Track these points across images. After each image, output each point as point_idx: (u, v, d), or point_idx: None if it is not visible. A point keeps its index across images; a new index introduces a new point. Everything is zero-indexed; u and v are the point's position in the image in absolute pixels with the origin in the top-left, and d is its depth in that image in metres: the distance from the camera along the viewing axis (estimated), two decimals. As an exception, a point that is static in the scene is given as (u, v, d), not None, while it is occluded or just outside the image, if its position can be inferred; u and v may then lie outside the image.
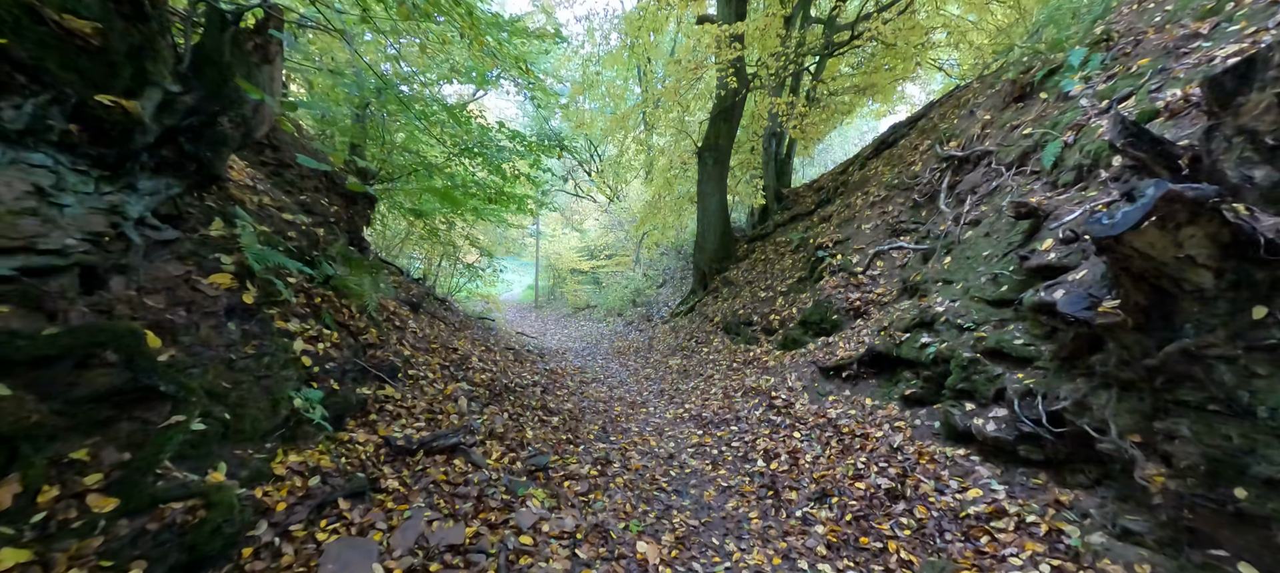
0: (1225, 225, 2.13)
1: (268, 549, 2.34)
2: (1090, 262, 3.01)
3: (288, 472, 2.77)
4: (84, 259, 2.31)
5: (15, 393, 1.88)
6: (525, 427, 4.78)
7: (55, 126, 2.11)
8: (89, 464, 2.00)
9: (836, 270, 6.39)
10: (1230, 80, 2.31)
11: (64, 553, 1.75)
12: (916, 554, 3.04)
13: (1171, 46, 3.54)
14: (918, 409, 4.20)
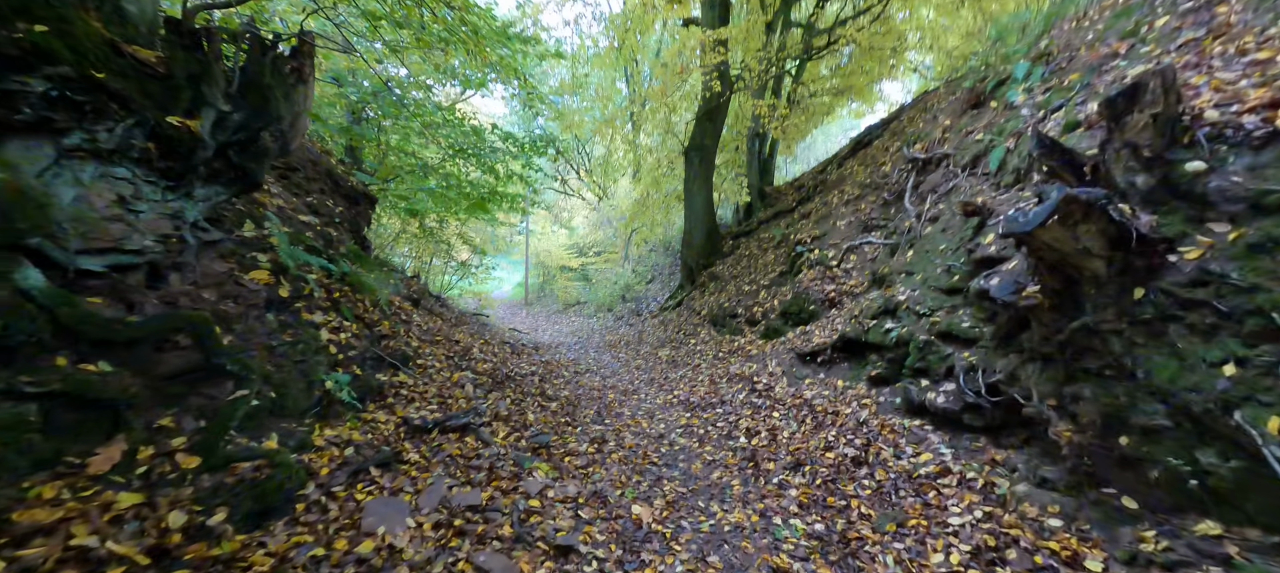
0: (1112, 222, 2.62)
1: (316, 505, 2.73)
2: (1021, 254, 3.52)
3: (325, 443, 3.16)
4: (153, 258, 2.68)
5: (115, 369, 2.26)
6: (526, 411, 5.20)
7: (136, 145, 2.48)
8: (174, 430, 2.40)
9: (814, 264, 6.89)
10: (1121, 101, 2.82)
11: (165, 499, 2.14)
12: (875, 509, 3.53)
13: (1096, 64, 4.07)
14: (882, 388, 4.70)
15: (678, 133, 11.61)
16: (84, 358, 2.20)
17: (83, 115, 2.29)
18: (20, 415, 1.91)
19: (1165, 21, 3.76)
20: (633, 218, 13.97)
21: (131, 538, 1.93)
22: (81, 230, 2.32)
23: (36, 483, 1.89)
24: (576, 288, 20.12)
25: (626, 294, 15.94)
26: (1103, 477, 2.79)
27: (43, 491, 1.87)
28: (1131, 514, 2.56)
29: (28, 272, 2.09)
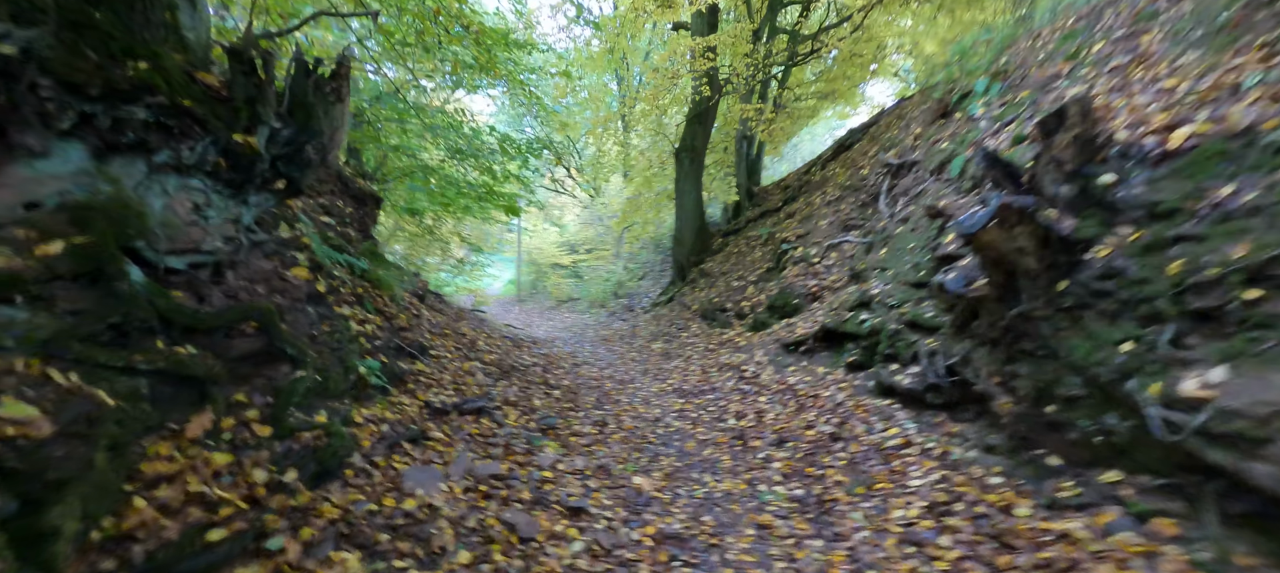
0: (1040, 226, 3.14)
1: (363, 472, 3.16)
2: (971, 253, 4.04)
3: (364, 421, 3.58)
4: (219, 258, 3.08)
5: (200, 351, 2.67)
6: (532, 397, 5.64)
7: (209, 160, 2.88)
8: (247, 404, 2.81)
9: (798, 261, 7.41)
10: (1051, 121, 3.33)
11: (248, 459, 2.56)
12: (848, 476, 4.03)
13: (1043, 83, 4.60)
14: (857, 373, 5.22)
15: (668, 134, 12.07)
16: (175, 342, 2.61)
17: (169, 136, 2.69)
18: (135, 388, 2.32)
19: (1100, 47, 4.30)
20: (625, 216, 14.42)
21: (229, 489, 2.35)
22: (168, 234, 2.72)
23: (151, 443, 2.30)
24: (569, 285, 20.51)
25: (619, 291, 16.39)
26: (1034, 440, 3.31)
27: (159, 448, 2.28)
28: (1055, 470, 3.09)
29: (131, 269, 2.49)
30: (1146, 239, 2.82)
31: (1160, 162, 2.93)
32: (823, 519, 3.59)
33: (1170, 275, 2.64)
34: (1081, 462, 2.99)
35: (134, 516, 1.99)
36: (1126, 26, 4.24)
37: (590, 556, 3.02)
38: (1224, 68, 3.06)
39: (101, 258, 2.31)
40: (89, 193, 2.40)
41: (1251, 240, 2.40)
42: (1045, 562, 2.57)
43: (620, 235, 17.32)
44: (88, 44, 2.33)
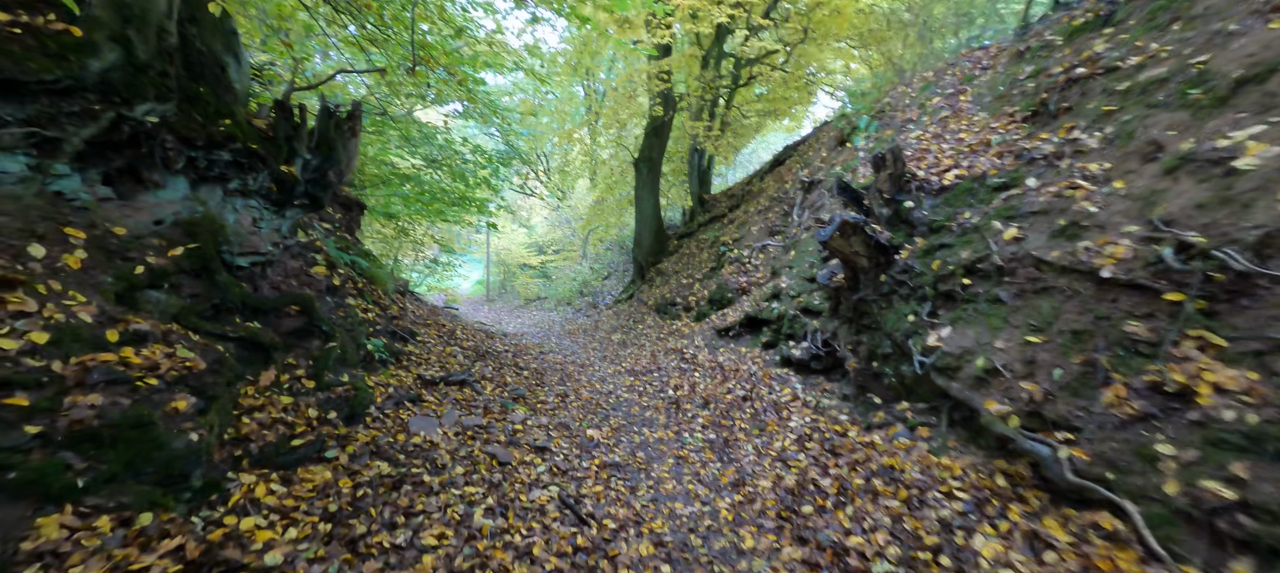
0: (868, 237, 4.50)
1: (378, 418, 4.24)
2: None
3: (374, 385, 4.65)
4: (267, 258, 4.12)
5: (263, 326, 3.73)
6: (505, 375, 6.75)
7: (264, 186, 3.93)
8: (296, 365, 3.87)
9: (733, 261, 8.75)
10: (879, 160, 4.71)
11: (303, 403, 3.63)
12: (749, 424, 5.33)
13: (903, 124, 6.04)
14: (768, 350, 6.55)
15: (628, 146, 13.30)
16: (247, 319, 3.65)
17: (240, 169, 3.73)
18: (227, 351, 3.37)
19: (937, 101, 5.76)
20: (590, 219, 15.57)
21: (296, 417, 3.43)
22: (237, 241, 3.76)
23: (242, 387, 3.36)
24: (537, 284, 21.49)
25: (584, 289, 17.52)
26: (866, 387, 4.67)
27: (247, 390, 3.35)
28: (876, 405, 4.45)
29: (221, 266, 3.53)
30: (925, 247, 4.21)
31: (938, 193, 4.33)
32: (725, 452, 4.87)
33: (933, 270, 4.02)
34: (890, 398, 4.35)
35: (245, 427, 3.06)
36: (955, 86, 5.71)
37: (550, 473, 4.20)
38: (987, 129, 4.50)
39: (206, 258, 3.36)
40: (192, 213, 3.44)
41: (971, 249, 3.79)
42: (855, 461, 3.91)
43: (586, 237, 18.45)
44: (196, 110, 3.38)
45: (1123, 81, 3.66)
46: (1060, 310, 3.09)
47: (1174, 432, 2.35)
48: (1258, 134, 2.66)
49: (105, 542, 1.97)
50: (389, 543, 2.77)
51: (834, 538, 3.20)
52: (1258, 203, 2.47)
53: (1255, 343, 2.27)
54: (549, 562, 3.01)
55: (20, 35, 2.60)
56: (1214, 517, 2.08)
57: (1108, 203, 3.15)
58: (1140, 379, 2.56)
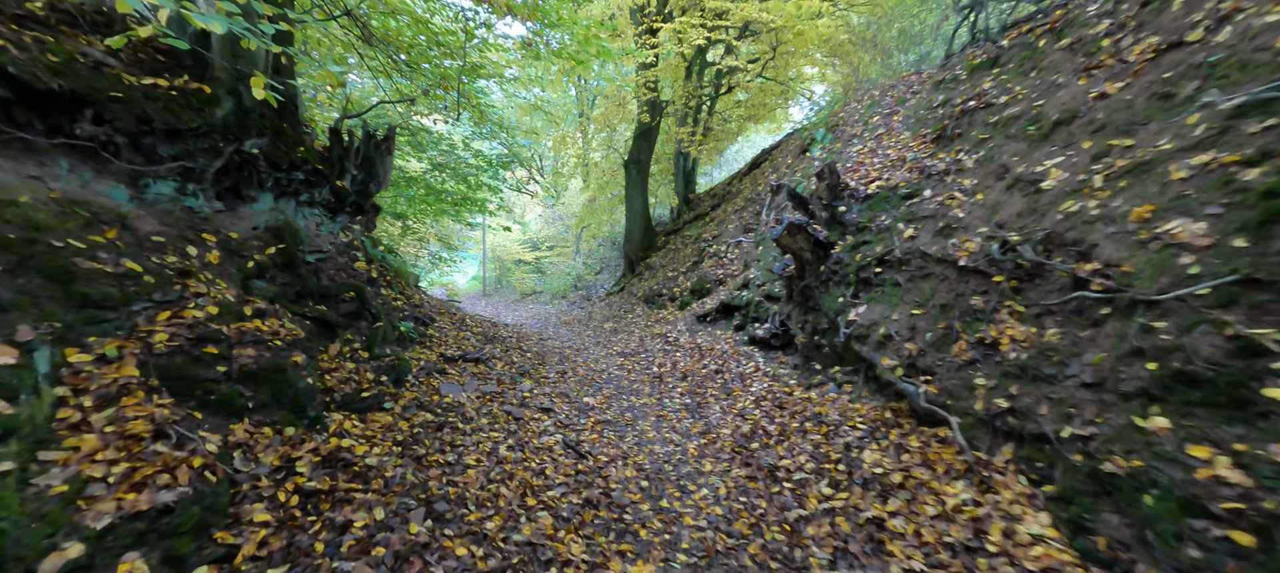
0: (810, 235, 5.61)
1: (416, 384, 5.29)
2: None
3: (410, 358, 5.70)
4: (325, 256, 5.16)
5: (329, 308, 4.77)
6: (511, 356, 7.82)
7: (325, 197, 4.97)
8: (353, 340, 4.91)
9: (712, 255, 9.86)
10: (820, 174, 5.82)
11: (361, 369, 4.68)
12: (718, 391, 6.43)
13: (850, 138, 7.14)
14: (738, 332, 7.67)
15: (618, 148, 14.35)
16: (316, 303, 4.69)
17: (308, 185, 4.77)
18: (307, 330, 4.41)
19: (876, 119, 6.87)
20: (583, 217, 16.60)
21: (360, 378, 4.48)
22: (307, 242, 4.79)
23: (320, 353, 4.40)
24: (532, 279, 22.51)
25: (578, 283, 18.57)
26: (810, 358, 5.79)
27: (324, 357, 4.39)
28: (816, 371, 5.56)
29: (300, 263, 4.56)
30: (852, 243, 5.33)
31: (864, 200, 5.45)
32: (697, 412, 5.98)
33: (857, 261, 5.14)
34: (826, 364, 5.47)
35: (329, 381, 4.12)
36: (891, 107, 6.83)
37: (555, 426, 5.29)
38: (906, 147, 5.62)
39: (292, 255, 4.40)
40: (276, 220, 4.48)
41: (883, 245, 4.91)
42: (795, 412, 5.03)
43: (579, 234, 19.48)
44: (280, 141, 4.41)
45: (994, 115, 4.79)
46: (935, 291, 4.21)
47: (985, 370, 3.48)
48: (1058, 163, 3.79)
49: (271, 441, 3.04)
50: (442, 461, 3.85)
51: (770, 462, 4.32)
52: (1049, 213, 3.60)
53: (1036, 309, 3.40)
54: (558, 479, 4.10)
55: (172, 94, 3.63)
56: (995, 420, 3.21)
57: (971, 210, 4.28)
58: (974, 337, 3.69)
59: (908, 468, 3.48)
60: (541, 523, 3.33)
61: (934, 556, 2.82)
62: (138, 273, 3.00)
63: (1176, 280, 2.63)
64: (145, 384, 2.66)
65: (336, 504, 2.88)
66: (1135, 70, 3.68)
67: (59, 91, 2.90)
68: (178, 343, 2.95)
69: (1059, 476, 2.73)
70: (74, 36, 3.30)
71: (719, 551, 3.30)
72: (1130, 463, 2.44)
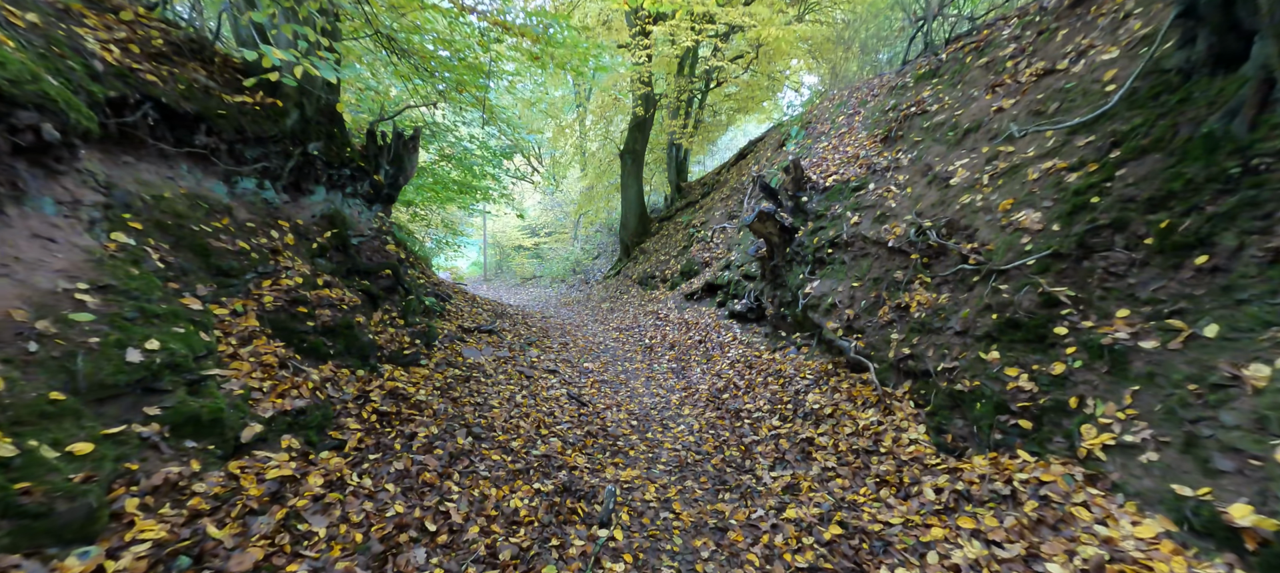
0: (778, 221, 6.59)
1: (442, 347, 6.29)
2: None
3: (437, 326, 6.69)
4: (365, 238, 6.13)
5: (367, 282, 5.76)
6: (519, 329, 8.83)
7: (365, 190, 5.93)
8: (391, 310, 5.90)
9: (699, 240, 10.84)
10: (787, 168, 6.79)
11: (399, 334, 5.67)
12: (702, 357, 7.46)
13: (820, 135, 8.08)
14: (720, 308, 8.68)
15: (614, 139, 15.23)
16: (361, 278, 5.67)
17: (352, 179, 5.72)
18: (354, 301, 5.39)
19: (841, 118, 7.82)
20: (582, 204, 17.51)
21: (400, 339, 5.48)
22: (353, 227, 5.75)
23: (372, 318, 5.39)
24: (532, 264, 23.46)
25: (577, 267, 19.53)
26: (778, 327, 6.81)
27: (373, 321, 5.38)
28: (782, 337, 6.58)
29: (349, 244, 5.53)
30: (812, 228, 6.32)
31: (823, 192, 6.43)
32: (681, 374, 7.02)
33: (814, 244, 6.14)
34: (789, 331, 6.49)
35: (379, 340, 5.10)
36: (854, 109, 7.78)
37: (561, 383, 6.31)
38: (860, 146, 6.59)
39: (343, 238, 5.37)
40: (328, 209, 5.44)
41: (835, 230, 5.91)
42: (761, 369, 6.05)
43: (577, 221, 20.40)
44: (332, 143, 5.36)
45: (927, 121, 5.76)
46: (870, 267, 5.22)
47: (899, 327, 4.50)
48: (964, 164, 4.78)
49: (348, 379, 4.04)
50: (472, 402, 4.86)
51: (736, 407, 5.36)
52: (952, 204, 4.59)
53: (937, 280, 4.40)
54: (564, 419, 5.12)
55: (256, 109, 4.57)
56: (900, 364, 4.24)
57: (901, 201, 5.27)
58: (894, 302, 4.70)
59: (836, 403, 4.52)
60: (553, 445, 4.36)
61: (844, 458, 3.86)
62: (246, 250, 3.98)
63: (1017, 255, 3.64)
64: (265, 331, 3.66)
65: (403, 422, 3.90)
66: (1023, 89, 4.66)
67: (188, 112, 3.85)
68: (279, 303, 3.93)
69: (932, 398, 3.76)
70: (185, 64, 4.23)
71: (688, 462, 4.34)
72: (973, 384, 3.47)
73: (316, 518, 2.50)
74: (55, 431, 2.03)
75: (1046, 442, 2.94)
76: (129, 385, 2.43)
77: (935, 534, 2.80)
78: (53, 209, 2.65)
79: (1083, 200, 3.42)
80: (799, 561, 2.87)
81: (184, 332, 2.80)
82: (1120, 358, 2.84)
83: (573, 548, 2.94)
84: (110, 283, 2.65)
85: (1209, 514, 2.12)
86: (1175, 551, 2.14)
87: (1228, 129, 2.82)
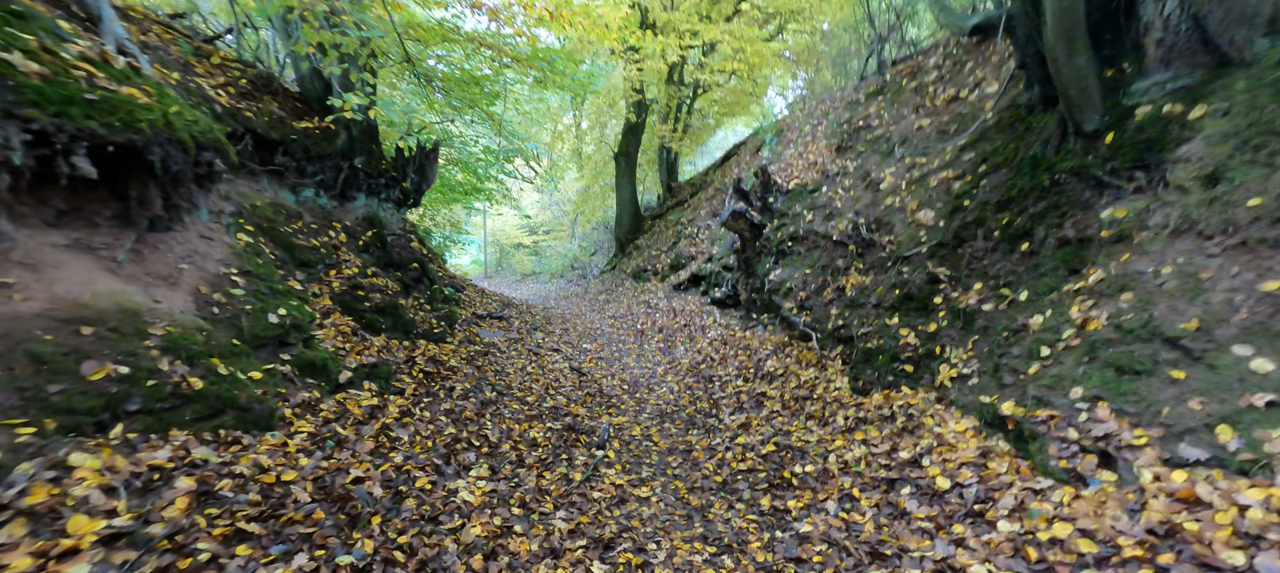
0: (749, 220, 7.71)
1: (462, 329, 7.40)
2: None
3: (457, 311, 7.80)
4: (395, 236, 7.23)
5: (400, 274, 6.87)
6: (525, 317, 9.94)
7: (396, 195, 7.04)
8: (419, 296, 7.01)
9: (687, 236, 11.96)
10: (756, 173, 7.91)
11: (431, 314, 6.78)
12: (686, 338, 8.58)
13: (788, 142, 9.20)
14: (704, 296, 9.81)
15: (609, 142, 16.33)
16: (394, 270, 6.76)
17: (387, 187, 6.82)
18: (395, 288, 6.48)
19: (807, 128, 8.94)
20: (579, 204, 18.60)
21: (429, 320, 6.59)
22: (387, 227, 6.85)
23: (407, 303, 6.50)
24: (531, 261, 24.54)
25: (574, 264, 20.62)
26: (750, 310, 7.94)
27: (408, 307, 6.49)
28: (752, 318, 7.72)
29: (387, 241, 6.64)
30: (776, 225, 7.45)
31: (786, 194, 7.56)
32: (668, 352, 8.15)
33: (778, 238, 7.26)
34: (758, 313, 7.62)
35: (415, 320, 6.21)
36: (818, 119, 8.91)
37: (563, 359, 7.43)
38: (816, 152, 7.72)
39: (382, 236, 6.48)
40: (368, 212, 6.55)
41: (794, 227, 7.03)
42: (733, 345, 7.18)
43: (575, 219, 21.48)
44: (371, 158, 6.46)
45: (871, 134, 6.89)
46: (819, 257, 6.35)
47: (837, 305, 5.63)
48: (891, 172, 5.91)
49: (398, 347, 5.14)
50: (492, 369, 5.97)
51: (710, 374, 6.49)
52: (881, 204, 5.72)
53: (866, 267, 5.53)
54: (567, 384, 6.24)
55: (315, 132, 5.65)
56: (835, 332, 5.37)
57: (845, 202, 6.40)
58: (835, 285, 5.83)
59: (787, 366, 5.65)
60: (560, 401, 5.48)
61: (787, 404, 4.99)
62: (316, 246, 5.08)
63: (916, 244, 4.78)
64: (336, 308, 4.76)
65: (443, 380, 5.01)
66: (936, 111, 5.79)
67: (272, 138, 4.94)
68: (344, 288, 5.04)
69: (853, 356, 4.90)
70: (263, 99, 5.31)
71: (668, 412, 5.47)
72: (879, 342, 4.60)
73: (400, 430, 3.62)
74: (240, 363, 3.14)
75: (919, 380, 4.08)
76: (271, 338, 3.53)
77: (837, 445, 3.94)
78: (207, 216, 3.74)
79: (959, 203, 4.55)
80: (741, 465, 4.01)
81: (296, 304, 3.91)
82: (970, 318, 3.98)
83: (578, 461, 4.06)
84: (248, 269, 3.75)
85: (994, 412, 3.25)
86: (974, 436, 3.28)
87: (1045, 153, 3.96)
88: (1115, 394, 2.68)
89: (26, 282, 2.44)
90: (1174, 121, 3.12)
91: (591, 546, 2.96)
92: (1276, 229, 2.48)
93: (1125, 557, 2.10)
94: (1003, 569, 2.35)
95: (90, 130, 2.49)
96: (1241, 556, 1.89)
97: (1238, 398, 2.27)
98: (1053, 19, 3.40)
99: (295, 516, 2.40)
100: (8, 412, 2.06)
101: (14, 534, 1.78)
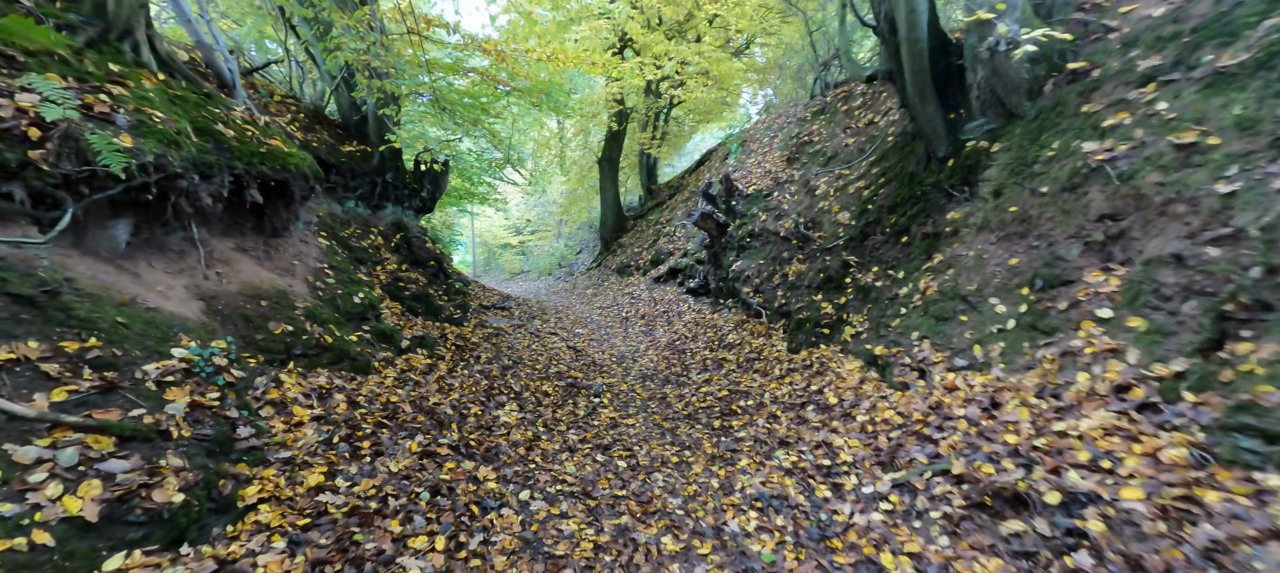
0: (716, 220, 9.18)
1: (474, 316, 8.72)
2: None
3: (469, 300, 9.11)
4: (415, 236, 8.54)
5: (421, 270, 8.19)
6: (522, 308, 11.28)
7: (417, 203, 8.35)
8: (438, 291, 8.32)
9: (665, 235, 13.41)
10: (721, 180, 9.39)
11: (441, 293, 8.09)
12: (665, 322, 10.01)
13: (750, 152, 10.68)
14: (680, 287, 11.27)
15: (593, 148, 17.70)
16: (417, 267, 8.06)
17: (409, 196, 8.12)
18: (424, 281, 7.79)
19: (765, 139, 10.44)
20: (565, 206, 19.91)
21: (453, 305, 7.92)
22: (410, 230, 8.16)
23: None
24: (518, 261, 25.76)
25: (561, 262, 21.94)
26: (719, 297, 9.42)
27: (437, 296, 7.81)
28: (720, 304, 9.17)
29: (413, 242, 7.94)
30: (738, 225, 8.94)
31: (746, 197, 9.06)
32: (649, 334, 9.59)
33: (739, 235, 8.74)
34: (724, 299, 9.09)
35: (441, 306, 7.53)
36: (777, 131, 10.42)
37: (562, 343, 8.81)
38: (772, 162, 9.23)
39: (407, 239, 7.79)
40: (396, 218, 7.85)
41: (753, 225, 8.52)
42: (704, 326, 8.65)
43: (561, 220, 22.78)
44: (398, 173, 7.76)
45: (812, 148, 8.40)
46: (770, 251, 7.84)
47: (782, 288, 7.12)
48: (825, 180, 7.42)
49: (433, 327, 6.47)
50: (505, 346, 7.33)
51: (683, 347, 7.94)
52: (816, 207, 7.23)
53: (787, 257, 7.04)
54: (566, 357, 7.62)
55: (356, 154, 6.94)
56: (780, 309, 6.87)
57: (791, 205, 7.91)
58: (781, 273, 7.31)
59: (743, 338, 7.13)
60: (562, 368, 6.86)
61: (741, 365, 6.46)
62: (366, 247, 6.38)
63: (835, 239, 6.28)
64: (387, 295, 6.07)
65: (470, 350, 6.36)
66: (858, 132, 7.32)
67: (329, 162, 6.22)
68: (389, 280, 6.35)
69: (790, 326, 6.39)
70: (318, 129, 6.58)
71: (648, 375, 6.91)
72: (807, 314, 6.09)
73: (451, 379, 4.98)
74: (343, 329, 4.47)
75: (832, 339, 5.58)
76: (356, 314, 4.86)
77: (771, 387, 5.41)
78: (301, 225, 5.05)
79: (866, 206, 6.07)
80: (702, 405, 5.46)
81: (367, 290, 5.24)
82: (867, 292, 5.48)
83: (581, 404, 5.46)
84: (334, 264, 5.07)
85: (871, 354, 4.74)
86: (859, 371, 4.77)
87: (917, 171, 5.48)
88: (934, 334, 4.19)
89: (225, 271, 3.75)
90: (984, 153, 4.65)
91: (595, 448, 4.37)
92: (1021, 226, 4.00)
93: (912, 424, 3.59)
94: (853, 439, 3.83)
95: (262, 171, 3.81)
96: (972, 408, 3.38)
97: (987, 329, 3.79)
98: (910, 78, 4.91)
99: (407, 418, 3.76)
100: (242, 349, 3.40)
101: (267, 413, 3.13)
